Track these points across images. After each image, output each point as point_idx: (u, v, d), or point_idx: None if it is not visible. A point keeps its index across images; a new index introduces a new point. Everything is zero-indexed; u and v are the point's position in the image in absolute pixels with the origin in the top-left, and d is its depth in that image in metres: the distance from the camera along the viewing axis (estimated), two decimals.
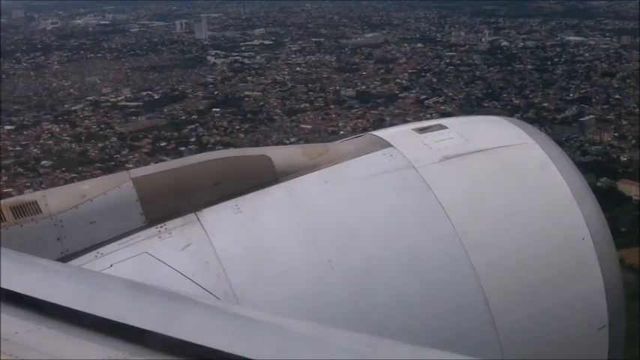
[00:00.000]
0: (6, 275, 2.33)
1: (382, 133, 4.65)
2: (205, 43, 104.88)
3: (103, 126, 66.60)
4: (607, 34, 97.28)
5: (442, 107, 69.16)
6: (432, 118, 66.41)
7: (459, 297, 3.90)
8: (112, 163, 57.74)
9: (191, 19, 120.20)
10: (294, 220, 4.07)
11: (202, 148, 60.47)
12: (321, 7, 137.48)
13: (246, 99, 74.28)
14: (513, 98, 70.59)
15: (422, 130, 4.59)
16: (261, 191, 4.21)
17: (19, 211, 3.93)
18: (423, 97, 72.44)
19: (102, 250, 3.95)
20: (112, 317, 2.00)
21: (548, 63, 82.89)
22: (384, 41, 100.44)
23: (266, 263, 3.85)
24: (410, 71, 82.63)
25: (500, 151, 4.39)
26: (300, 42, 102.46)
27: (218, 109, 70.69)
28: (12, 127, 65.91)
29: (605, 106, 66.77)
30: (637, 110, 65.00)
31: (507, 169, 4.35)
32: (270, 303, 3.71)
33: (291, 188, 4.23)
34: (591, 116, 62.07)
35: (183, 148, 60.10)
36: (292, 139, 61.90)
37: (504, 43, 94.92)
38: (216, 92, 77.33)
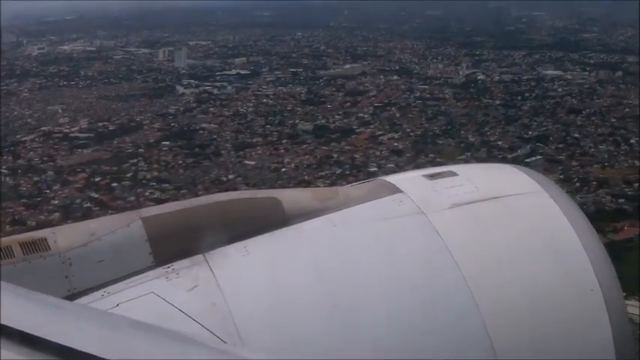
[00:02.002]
0: (12, 312, 2.33)
1: (392, 179, 4.72)
2: (182, 72, 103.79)
3: (45, 159, 65.16)
4: (587, 68, 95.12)
5: (395, 144, 67.01)
6: (381, 155, 64.75)
7: (466, 343, 3.87)
8: (39, 199, 56.26)
9: (176, 47, 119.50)
10: (302, 264, 4.07)
11: (136, 184, 59.05)
12: (312, 36, 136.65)
13: (201, 132, 72.62)
14: (470, 135, 68.29)
15: (432, 177, 4.65)
16: (269, 234, 4.22)
17: (28, 247, 3.95)
18: (379, 132, 70.28)
19: (109, 289, 3.94)
20: (117, 358, 2.02)
21: (518, 98, 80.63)
22: (361, 72, 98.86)
23: (273, 307, 3.83)
24: (376, 105, 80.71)
25: (510, 200, 4.42)
26: (277, 72, 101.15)
27: (168, 143, 69.05)
28: None
29: (560, 146, 64.37)
30: (592, 150, 62.59)
31: (517, 217, 4.36)
32: (276, 347, 3.70)
33: (300, 231, 4.24)
34: (538, 157, 59.68)
35: (116, 184, 58.54)
36: (230, 176, 60.12)
37: (480, 77, 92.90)
38: (172, 124, 75.76)
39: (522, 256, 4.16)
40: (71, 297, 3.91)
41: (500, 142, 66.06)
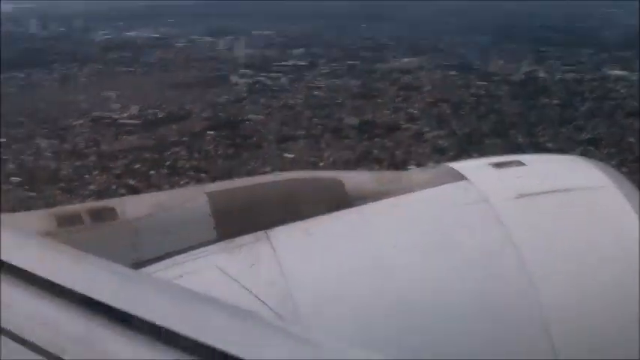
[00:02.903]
0: (80, 278, 2.48)
1: (458, 166, 4.68)
2: (240, 61, 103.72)
3: (90, 143, 65.85)
4: None
5: (440, 142, 65.38)
6: (423, 153, 63.21)
7: (526, 343, 3.77)
8: (76, 183, 56.74)
9: (236, 36, 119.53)
10: (362, 246, 4.09)
11: (173, 172, 59.04)
12: (377, 29, 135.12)
13: (246, 122, 72.33)
14: (519, 136, 66.11)
15: (499, 165, 4.63)
16: (331, 214, 4.25)
17: (97, 215, 4.11)
18: (426, 129, 68.66)
19: (173, 260, 4.05)
20: (178, 328, 2.10)
21: (577, 98, 77.72)
22: (418, 67, 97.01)
23: (332, 287, 3.88)
24: (428, 100, 78.95)
25: (579, 193, 4.32)
26: (334, 64, 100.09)
27: (212, 132, 68.93)
28: (3, 140, 65.88)
29: (612, 150, 61.69)
30: None
31: (585, 211, 4.25)
32: (333, 328, 3.66)
33: (362, 213, 4.27)
34: None
35: (153, 172, 58.64)
36: (267, 169, 59.52)
37: (541, 75, 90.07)
38: (220, 114, 75.66)
39: (588, 252, 4.05)
40: (136, 265, 3.98)
41: (549, 144, 63.64)
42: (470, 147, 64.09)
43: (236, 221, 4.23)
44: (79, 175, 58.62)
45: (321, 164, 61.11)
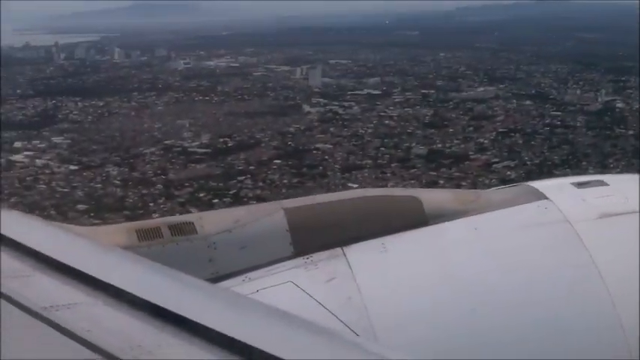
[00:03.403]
0: (157, 289, 2.51)
1: (538, 185, 4.63)
2: (315, 90, 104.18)
3: (159, 172, 66.87)
4: None
5: (508, 173, 63.83)
6: (489, 184, 61.65)
7: None
8: (141, 211, 57.57)
9: (312, 65, 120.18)
10: (440, 265, 4.04)
11: (236, 202, 59.25)
12: (454, 57, 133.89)
13: (314, 152, 72.26)
14: (590, 167, 64.01)
15: (581, 185, 4.52)
16: (408, 232, 4.23)
17: (177, 230, 4.22)
18: (495, 160, 67.24)
19: (250, 275, 4.08)
20: (253, 343, 2.10)
21: None
22: (494, 96, 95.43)
23: (408, 305, 3.84)
24: (500, 130, 77.42)
25: None
26: (408, 93, 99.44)
27: (279, 162, 69.13)
28: (75, 168, 67.62)
29: None
30: None
31: None
32: (409, 345, 3.64)
33: (439, 232, 4.23)
34: None
35: (216, 201, 59.05)
36: None
37: (619, 105, 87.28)
38: (289, 143, 75.88)
39: None
40: (214, 280, 4.00)
41: None
42: (539, 178, 62.26)
43: (313, 237, 4.22)
44: (144, 203, 59.44)
45: None
